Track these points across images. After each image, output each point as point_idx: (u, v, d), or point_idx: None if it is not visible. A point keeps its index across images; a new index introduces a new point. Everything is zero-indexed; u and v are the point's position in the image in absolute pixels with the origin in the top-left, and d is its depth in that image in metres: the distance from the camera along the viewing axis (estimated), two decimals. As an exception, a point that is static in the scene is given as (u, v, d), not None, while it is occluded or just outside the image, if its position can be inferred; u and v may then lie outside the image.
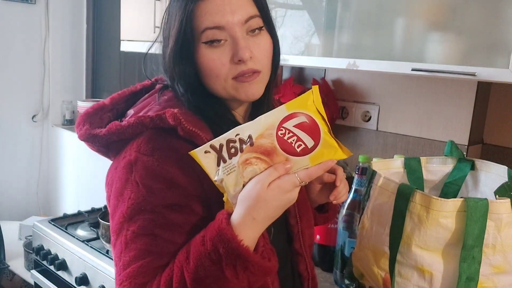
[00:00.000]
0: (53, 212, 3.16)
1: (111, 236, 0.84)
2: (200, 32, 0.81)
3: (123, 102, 0.94)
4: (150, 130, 0.82)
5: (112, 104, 0.93)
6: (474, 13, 1.13)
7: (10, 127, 3.04)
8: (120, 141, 0.85)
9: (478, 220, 0.88)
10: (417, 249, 0.94)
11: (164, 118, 0.80)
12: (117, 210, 0.81)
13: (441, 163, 1.18)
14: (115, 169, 0.84)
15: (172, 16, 0.85)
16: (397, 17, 1.28)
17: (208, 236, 0.74)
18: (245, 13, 0.81)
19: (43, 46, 3.07)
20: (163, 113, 0.80)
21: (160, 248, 0.78)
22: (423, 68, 1.19)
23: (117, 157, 0.86)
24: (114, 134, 0.84)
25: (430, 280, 0.94)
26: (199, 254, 0.73)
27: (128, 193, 0.79)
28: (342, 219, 1.32)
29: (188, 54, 0.84)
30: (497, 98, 1.51)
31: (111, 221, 0.84)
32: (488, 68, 1.10)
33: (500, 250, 0.90)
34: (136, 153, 0.80)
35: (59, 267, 1.74)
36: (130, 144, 0.83)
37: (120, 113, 0.93)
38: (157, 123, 0.81)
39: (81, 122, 0.89)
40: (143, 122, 0.81)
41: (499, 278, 0.92)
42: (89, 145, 0.90)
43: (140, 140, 0.82)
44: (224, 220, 0.73)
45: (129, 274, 0.77)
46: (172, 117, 0.80)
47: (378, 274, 1.01)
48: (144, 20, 2.05)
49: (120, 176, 0.82)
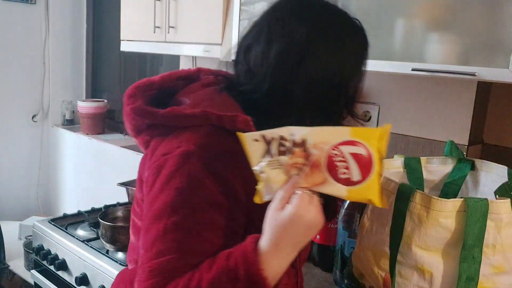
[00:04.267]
0: (53, 212, 3.16)
1: (143, 218, 0.82)
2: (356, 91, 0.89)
3: (170, 82, 0.95)
4: (209, 126, 0.81)
5: (160, 83, 0.93)
6: (474, 13, 1.13)
7: (10, 127, 3.04)
8: (167, 127, 0.85)
9: (478, 220, 0.88)
10: (417, 249, 0.94)
11: (234, 121, 0.80)
12: (160, 196, 0.79)
13: (441, 163, 1.18)
14: (163, 155, 0.82)
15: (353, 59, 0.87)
16: (397, 17, 1.28)
17: (234, 255, 0.74)
18: None
19: (43, 46, 3.07)
20: (235, 116, 0.80)
21: (196, 246, 0.77)
22: (423, 68, 1.19)
23: (164, 142, 0.84)
24: (173, 118, 0.83)
25: (430, 280, 0.94)
26: (220, 267, 0.73)
27: (177, 182, 0.78)
28: (342, 219, 1.32)
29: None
30: (497, 98, 1.51)
31: (150, 205, 0.81)
32: (488, 68, 1.10)
33: (500, 250, 0.90)
34: (194, 146, 0.79)
35: (59, 267, 1.74)
36: (183, 133, 0.82)
37: (161, 93, 0.92)
38: (223, 122, 0.81)
39: (133, 95, 0.89)
40: (209, 117, 0.81)
41: (499, 278, 0.92)
42: (136, 120, 0.89)
43: (199, 134, 0.81)
44: (252, 243, 0.74)
45: (161, 264, 0.76)
46: (244, 123, 0.80)
47: (378, 274, 1.01)
48: (144, 20, 2.05)
49: (171, 164, 0.80)
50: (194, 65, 2.37)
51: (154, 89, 0.92)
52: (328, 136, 0.72)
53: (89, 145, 2.91)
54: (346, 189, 0.72)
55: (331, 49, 0.83)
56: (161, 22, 1.96)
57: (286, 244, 0.73)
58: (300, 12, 0.85)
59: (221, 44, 1.73)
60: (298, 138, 0.72)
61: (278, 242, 0.73)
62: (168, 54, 2.31)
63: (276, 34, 0.84)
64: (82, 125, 2.99)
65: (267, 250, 0.73)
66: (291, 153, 0.73)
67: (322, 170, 0.72)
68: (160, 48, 2.01)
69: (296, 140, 0.72)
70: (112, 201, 2.09)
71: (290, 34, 0.82)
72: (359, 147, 0.71)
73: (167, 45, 1.97)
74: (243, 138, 0.75)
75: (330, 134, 0.72)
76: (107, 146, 2.78)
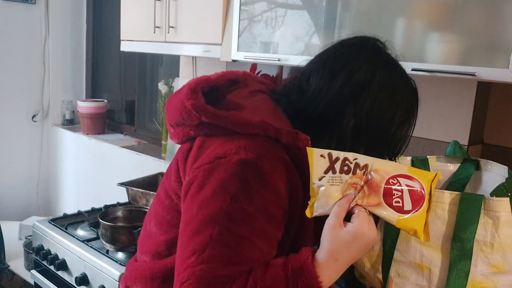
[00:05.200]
0: (53, 212, 3.16)
1: (191, 221, 0.82)
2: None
3: (224, 82, 0.96)
4: (265, 136, 0.84)
5: (215, 81, 0.94)
6: (474, 13, 1.13)
7: (10, 127, 3.04)
8: (219, 127, 0.86)
9: (469, 212, 0.90)
10: (417, 245, 0.94)
11: (295, 138, 0.84)
12: (213, 200, 0.80)
13: (446, 162, 1.18)
14: (217, 158, 0.83)
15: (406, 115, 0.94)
16: (397, 17, 1.28)
17: (291, 265, 0.77)
18: None
19: (43, 46, 3.07)
20: (295, 132, 0.84)
21: (248, 253, 0.79)
22: (423, 68, 1.19)
23: (216, 143, 0.86)
24: (233, 123, 0.85)
25: (428, 276, 0.94)
26: (277, 276, 0.76)
27: (233, 190, 0.79)
28: (342, 219, 1.32)
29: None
30: (497, 98, 1.51)
31: (199, 209, 0.81)
32: (488, 68, 1.10)
33: (499, 249, 0.90)
34: (252, 155, 0.81)
35: (59, 267, 1.74)
36: (239, 140, 0.83)
37: (211, 89, 0.94)
38: (280, 136, 0.84)
39: (195, 91, 0.89)
40: (267, 128, 0.84)
41: (498, 278, 0.92)
42: (186, 113, 0.89)
43: (257, 143, 0.83)
44: (310, 256, 0.78)
45: (213, 270, 0.76)
46: (304, 141, 0.84)
47: (375, 276, 1.01)
48: (144, 20, 2.05)
49: (227, 169, 0.81)
50: (194, 65, 2.37)
51: (208, 87, 0.93)
52: (388, 167, 0.80)
53: (89, 145, 2.91)
54: (396, 216, 0.78)
55: (387, 94, 0.88)
56: (161, 22, 1.96)
57: (344, 259, 0.78)
58: (366, 52, 0.91)
59: (221, 44, 1.73)
60: (361, 163, 0.80)
61: (337, 256, 0.77)
62: (168, 54, 2.31)
63: (341, 66, 0.89)
64: (82, 125, 3.00)
65: (325, 263, 0.77)
66: (353, 173, 0.79)
67: (378, 194, 0.79)
68: (160, 48, 2.01)
69: (359, 163, 0.80)
70: (112, 201, 2.09)
71: (354, 70, 0.88)
72: (415, 182, 0.79)
73: (167, 45, 1.97)
74: (310, 151, 0.80)
75: (391, 166, 0.80)
76: (107, 146, 2.78)
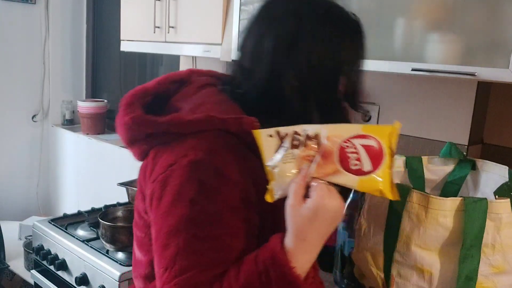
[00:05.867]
0: (53, 212, 3.16)
1: (158, 235, 0.79)
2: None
3: (165, 87, 0.92)
4: (214, 130, 0.80)
5: (154, 89, 0.91)
6: (474, 13, 1.13)
7: (10, 127, 3.04)
8: (167, 134, 0.82)
9: (477, 220, 0.88)
10: (416, 249, 0.94)
11: (241, 124, 0.79)
12: (173, 209, 0.77)
13: (442, 162, 1.18)
14: (169, 166, 0.79)
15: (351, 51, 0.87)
16: (397, 17, 1.28)
17: (261, 257, 0.73)
18: None
19: (43, 46, 3.07)
20: (240, 118, 0.80)
21: (220, 254, 0.75)
22: (423, 68, 1.19)
23: (168, 151, 0.81)
24: (175, 125, 0.81)
25: (429, 279, 0.94)
26: (250, 273, 0.72)
27: (190, 193, 0.76)
28: (342, 219, 1.32)
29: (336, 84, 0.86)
30: (497, 98, 1.51)
31: (162, 221, 0.78)
32: (488, 68, 1.10)
33: (500, 250, 0.90)
34: (202, 153, 0.77)
35: (59, 267, 1.74)
36: (186, 140, 0.80)
37: (156, 99, 0.90)
38: (227, 126, 0.79)
39: (131, 103, 0.86)
40: (213, 121, 0.79)
41: (498, 278, 0.92)
42: (133, 129, 0.85)
43: (205, 139, 0.79)
44: (278, 243, 0.73)
45: (187, 280, 0.74)
46: (250, 124, 0.79)
47: (377, 274, 1.01)
48: (144, 20, 2.05)
49: (180, 174, 0.77)
50: (194, 65, 2.37)
51: (149, 96, 0.90)
52: (340, 131, 0.74)
53: (89, 145, 2.91)
54: (357, 179, 0.73)
55: (323, 42, 0.83)
56: (161, 22, 1.96)
57: (313, 237, 0.73)
58: (290, 7, 0.85)
59: (221, 44, 1.73)
60: (311, 133, 0.74)
61: (305, 236, 0.72)
62: (168, 54, 2.31)
63: (266, 30, 0.85)
64: (82, 125, 2.99)
65: (295, 247, 0.72)
66: (304, 146, 0.74)
67: (333, 161, 0.73)
68: (160, 48, 2.01)
69: (310, 135, 0.74)
70: (112, 201, 2.09)
71: (279, 28, 0.83)
72: (370, 140, 0.73)
73: (167, 45, 1.97)
74: (257, 134, 0.76)
75: (343, 129, 0.75)
76: (107, 146, 2.78)
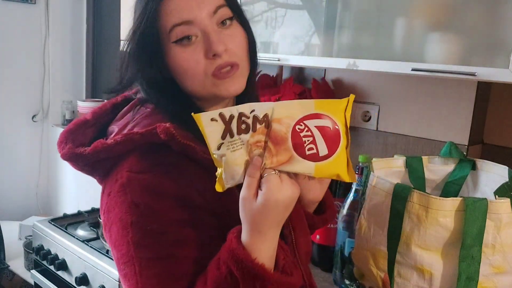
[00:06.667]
0: (53, 212, 3.16)
1: (119, 267, 0.78)
2: (168, 31, 0.78)
3: (105, 115, 0.90)
4: (140, 147, 0.77)
5: (94, 118, 0.88)
6: (474, 13, 1.13)
7: (10, 127, 3.04)
8: (107, 159, 0.80)
9: (477, 220, 0.88)
10: (417, 249, 0.94)
11: (156, 134, 0.75)
12: (121, 238, 0.75)
13: (442, 162, 1.18)
14: (108, 195, 0.79)
15: (136, 16, 0.81)
16: (397, 17, 1.28)
17: (222, 259, 0.70)
18: (212, 3, 0.78)
19: (43, 46, 3.07)
20: (154, 128, 0.76)
21: (179, 269, 0.73)
22: (423, 68, 1.19)
23: (108, 180, 0.81)
24: (101, 152, 0.79)
25: (430, 280, 0.94)
26: (215, 278, 0.70)
27: (129, 217, 0.74)
28: (342, 219, 1.32)
29: (157, 57, 0.80)
30: (497, 98, 1.51)
31: (116, 251, 0.77)
32: (488, 68, 1.10)
33: (500, 250, 0.90)
34: (128, 173, 0.76)
35: (59, 267, 1.74)
36: (119, 165, 0.78)
37: (104, 127, 0.88)
38: (148, 139, 0.76)
39: (63, 140, 0.83)
40: (133, 139, 0.76)
41: (499, 278, 0.92)
42: (73, 165, 0.84)
43: (131, 159, 0.77)
44: (234, 239, 0.69)
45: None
46: (165, 132, 0.75)
47: (377, 274, 1.01)
48: (144, 20, 2.04)
49: (116, 201, 0.76)
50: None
51: (90, 126, 0.87)
52: (292, 110, 0.67)
53: (89, 145, 2.91)
54: (313, 166, 0.67)
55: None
56: (161, 22, 1.96)
57: (268, 228, 0.69)
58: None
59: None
60: (260, 114, 0.66)
61: (260, 229, 0.68)
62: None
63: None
64: (82, 125, 2.99)
65: (252, 240, 0.69)
66: (253, 130, 0.66)
67: (287, 148, 0.66)
68: (160, 48, 2.01)
69: (258, 116, 0.66)
70: (112, 201, 2.09)
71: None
72: (326, 120, 0.66)
73: (167, 45, 1.96)
74: (199, 119, 0.66)
75: (294, 108, 0.67)
76: (107, 146, 2.77)
